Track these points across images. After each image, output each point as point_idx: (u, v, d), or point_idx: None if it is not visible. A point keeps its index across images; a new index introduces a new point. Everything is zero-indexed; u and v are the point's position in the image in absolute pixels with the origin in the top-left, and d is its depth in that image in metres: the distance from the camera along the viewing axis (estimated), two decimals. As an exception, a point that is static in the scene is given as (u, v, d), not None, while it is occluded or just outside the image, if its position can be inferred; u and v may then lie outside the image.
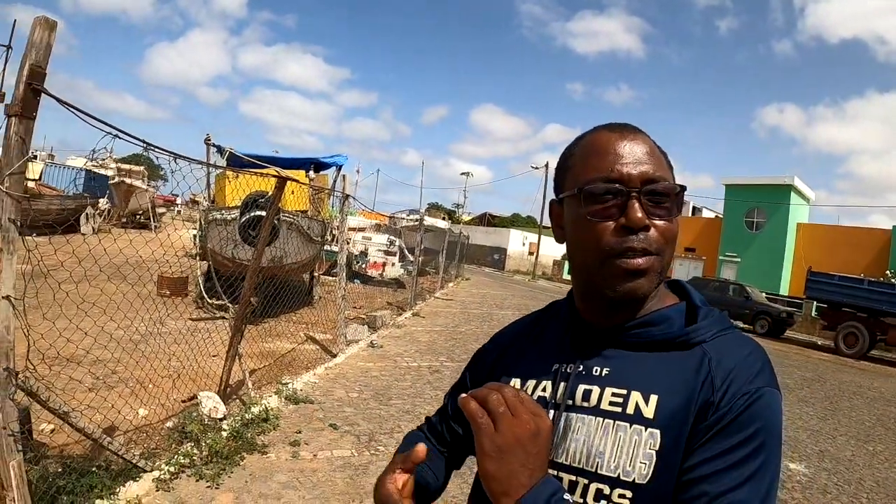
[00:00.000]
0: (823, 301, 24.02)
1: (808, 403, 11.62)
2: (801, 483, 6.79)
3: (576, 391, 1.21)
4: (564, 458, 1.16)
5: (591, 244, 1.16)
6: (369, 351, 11.37)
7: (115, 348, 6.19)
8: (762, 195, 40.80)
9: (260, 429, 6.18)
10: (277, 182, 7.04)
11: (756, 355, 1.15)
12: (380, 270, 24.43)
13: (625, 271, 1.13)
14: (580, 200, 1.17)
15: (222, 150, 13.13)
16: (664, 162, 1.21)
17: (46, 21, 3.32)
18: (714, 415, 1.06)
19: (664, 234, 1.15)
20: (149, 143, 4.43)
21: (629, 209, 1.12)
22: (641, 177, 1.14)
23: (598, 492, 1.10)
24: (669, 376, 1.14)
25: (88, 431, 4.28)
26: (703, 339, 1.17)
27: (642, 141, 1.19)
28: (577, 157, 1.23)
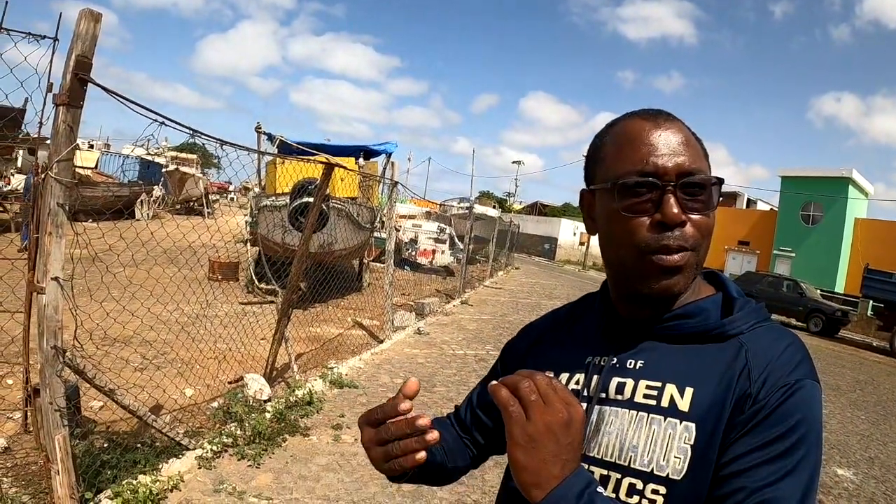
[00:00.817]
0: (880, 300, 23.43)
1: (859, 407, 11.35)
2: (847, 490, 6.65)
3: (609, 384, 1.18)
4: (597, 452, 1.14)
5: (625, 240, 1.13)
6: (416, 338, 11.41)
7: (165, 330, 6.31)
8: (819, 188, 39.83)
9: (303, 411, 6.26)
10: (325, 168, 7.09)
11: (795, 347, 1.11)
12: (429, 258, 24.48)
13: (660, 269, 1.10)
14: (613, 194, 1.13)
15: (273, 137, 13.25)
16: (700, 151, 1.17)
17: (91, 13, 3.40)
18: (752, 407, 1.04)
19: (700, 228, 1.12)
20: (195, 129, 4.50)
21: (665, 205, 1.08)
22: (677, 169, 1.10)
23: (631, 486, 1.08)
24: (705, 369, 1.11)
25: (134, 409, 4.38)
26: (740, 330, 1.14)
27: (678, 129, 1.14)
28: (610, 146, 1.19)
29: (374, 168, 17.58)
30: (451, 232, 26.12)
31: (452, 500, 4.95)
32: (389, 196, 11.78)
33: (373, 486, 4.99)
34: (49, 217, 3.36)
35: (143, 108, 3.92)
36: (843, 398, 11.90)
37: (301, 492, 4.74)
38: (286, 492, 4.70)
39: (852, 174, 39.56)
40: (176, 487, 4.38)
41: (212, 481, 4.61)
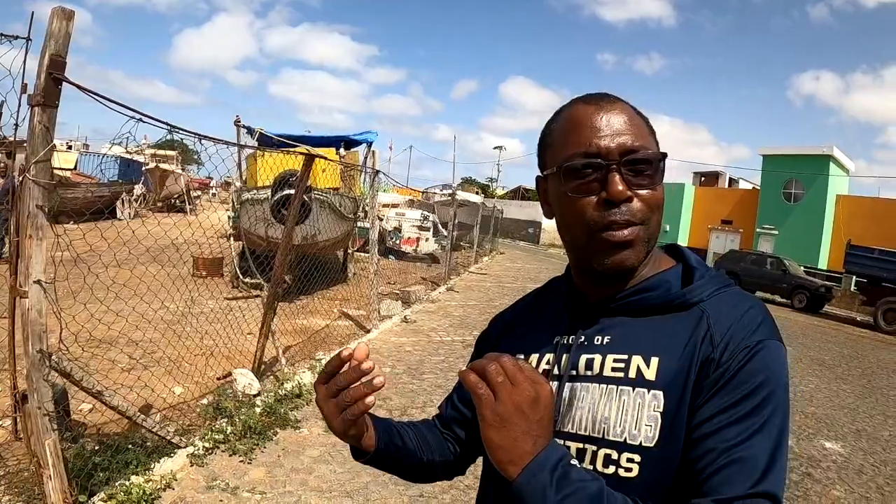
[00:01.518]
0: (863, 275, 23.57)
1: (845, 381, 11.47)
2: (836, 463, 6.72)
3: (578, 361, 1.21)
4: (571, 427, 1.17)
5: (575, 220, 1.16)
6: (403, 326, 11.44)
7: (151, 329, 6.28)
8: (800, 166, 39.99)
9: (293, 404, 6.26)
10: (305, 159, 7.06)
11: (755, 310, 1.14)
12: (413, 246, 24.46)
13: (610, 244, 1.13)
14: (561, 177, 1.17)
15: (252, 131, 13.17)
16: (645, 129, 1.19)
17: (63, 11, 3.36)
18: (716, 371, 1.06)
19: (648, 202, 1.14)
20: (173, 125, 4.47)
21: (609, 182, 1.11)
22: (620, 148, 1.12)
23: (607, 457, 1.11)
24: (669, 338, 1.14)
25: (122, 409, 4.36)
26: (701, 298, 1.17)
27: (620, 110, 1.17)
28: (557, 132, 1.22)
29: (354, 158, 17.52)
30: (435, 219, 26.13)
31: (445, 485, 4.96)
32: (371, 185, 11.74)
33: (365, 475, 5.01)
34: (29, 220, 3.33)
35: (119, 106, 3.88)
36: (828, 372, 12.03)
37: (294, 484, 4.75)
38: (279, 485, 4.70)
39: (833, 151, 39.73)
40: (169, 486, 4.37)
41: (204, 478, 4.60)
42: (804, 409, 8.80)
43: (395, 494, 4.81)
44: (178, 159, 35.51)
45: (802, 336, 17.01)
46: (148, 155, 31.31)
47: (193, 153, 34.26)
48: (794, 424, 7.94)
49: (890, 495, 6.02)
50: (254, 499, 4.43)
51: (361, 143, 17.39)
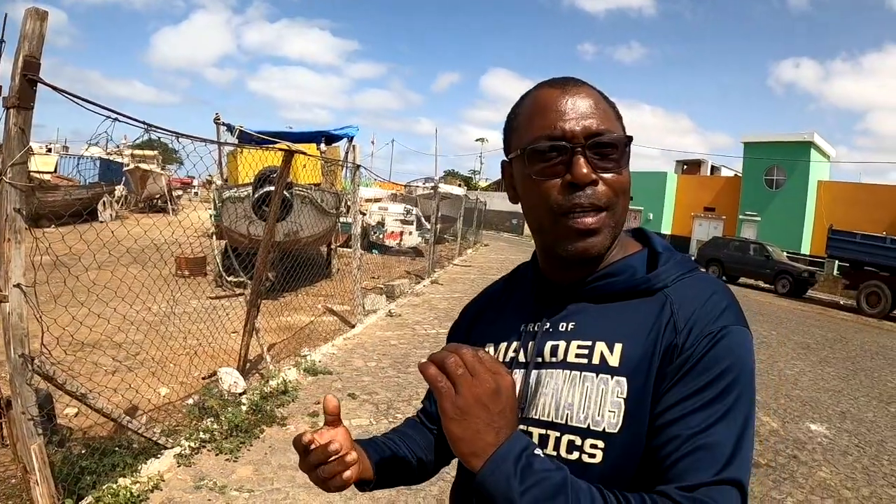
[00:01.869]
0: (845, 260, 23.69)
1: (829, 363, 11.55)
2: (821, 445, 6.77)
3: (543, 348, 1.21)
4: (535, 413, 1.17)
5: (540, 204, 1.16)
6: (388, 320, 11.43)
7: (135, 331, 6.25)
8: (782, 153, 40.29)
9: (279, 401, 6.25)
10: (284, 155, 7.03)
11: (719, 295, 1.14)
12: (397, 240, 24.44)
13: (576, 231, 1.13)
14: (525, 160, 1.16)
15: (232, 128, 13.11)
16: (611, 114, 1.19)
17: (37, 12, 3.33)
18: (679, 357, 1.06)
19: (613, 186, 1.14)
20: (149, 124, 4.43)
21: (574, 165, 1.11)
22: (585, 131, 1.12)
23: (570, 443, 1.11)
24: (633, 324, 1.14)
25: (107, 412, 4.34)
26: (665, 283, 1.17)
27: (586, 94, 1.17)
28: (522, 116, 1.22)
29: (335, 153, 17.47)
30: (418, 213, 26.09)
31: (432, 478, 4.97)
32: (353, 180, 11.72)
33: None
34: (7, 223, 3.30)
35: (94, 105, 3.85)
36: (812, 356, 12.10)
37: (282, 481, 4.73)
38: (267, 483, 4.69)
39: (814, 138, 40.07)
40: (157, 487, 4.34)
41: (192, 478, 4.58)
42: (789, 393, 8.86)
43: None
44: (159, 159, 35.30)
45: (787, 320, 17.13)
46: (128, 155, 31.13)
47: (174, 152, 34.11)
48: (779, 407, 8.02)
49: (875, 475, 6.08)
50: (242, 497, 4.42)
51: (342, 138, 17.36)
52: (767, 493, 5.43)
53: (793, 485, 5.65)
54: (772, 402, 8.25)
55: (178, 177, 35.68)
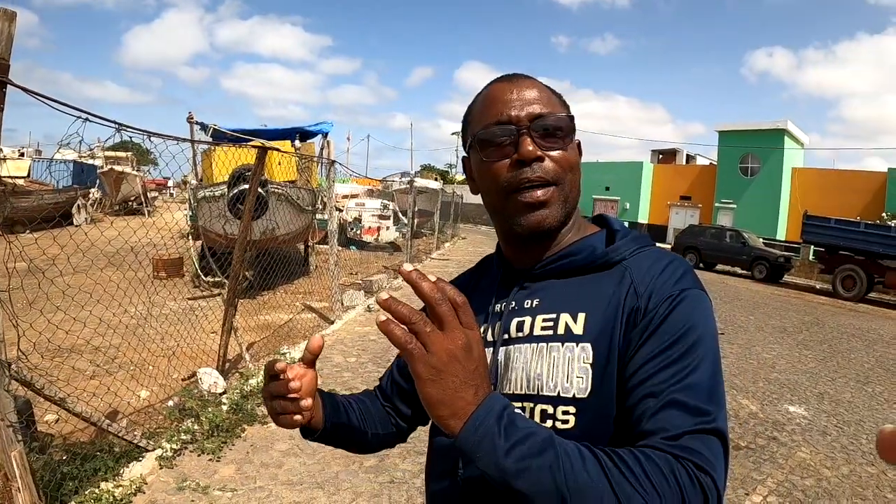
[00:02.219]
0: (820, 245, 23.86)
1: (806, 346, 11.67)
2: (800, 426, 6.85)
3: (510, 325, 1.25)
4: (508, 389, 1.20)
5: (492, 185, 1.23)
6: (366, 315, 11.41)
7: (113, 335, 6.21)
8: (756, 141, 40.57)
9: (259, 400, 6.20)
10: (258, 153, 7.00)
11: (675, 264, 1.19)
12: (374, 235, 24.39)
13: (525, 204, 1.19)
14: (478, 146, 1.24)
15: (206, 127, 13.02)
16: (555, 100, 1.27)
17: (5, 12, 3.28)
18: (643, 319, 1.10)
19: (560, 162, 1.20)
20: (121, 124, 4.39)
21: (520, 144, 1.18)
22: (529, 115, 1.20)
23: (543, 412, 1.14)
24: (594, 295, 1.19)
25: (87, 416, 4.31)
26: (623, 256, 1.22)
27: (530, 85, 1.25)
28: (475, 111, 1.29)
29: (310, 149, 17.39)
30: (395, 207, 26.06)
31: (415, 470, 4.99)
32: (328, 176, 11.68)
33: (335, 465, 5.03)
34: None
35: (64, 106, 3.81)
36: (790, 339, 12.23)
37: (264, 479, 4.73)
38: (250, 481, 4.68)
39: (787, 125, 40.38)
40: (140, 490, 4.33)
41: (175, 480, 4.56)
42: (767, 376, 8.95)
43: (365, 482, 4.82)
44: (133, 160, 34.98)
45: (764, 305, 17.24)
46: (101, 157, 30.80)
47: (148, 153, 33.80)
48: (757, 390, 8.11)
49: (854, 454, 6.16)
50: (225, 497, 4.41)
51: (317, 135, 17.25)
52: (748, 474, 5.48)
53: (773, 465, 5.71)
54: (750, 386, 8.33)
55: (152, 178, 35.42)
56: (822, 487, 5.34)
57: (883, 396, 8.48)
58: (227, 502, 4.34)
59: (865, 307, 20.14)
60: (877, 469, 5.81)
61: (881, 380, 9.47)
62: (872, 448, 6.34)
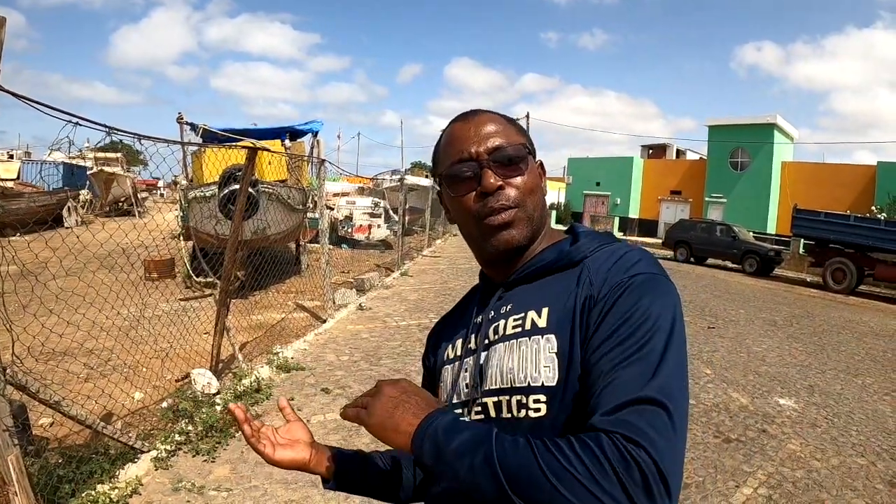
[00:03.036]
0: (810, 238, 23.97)
1: (797, 339, 11.71)
2: (790, 418, 6.89)
3: (489, 331, 1.34)
4: (487, 385, 1.28)
5: (463, 216, 1.35)
6: (358, 314, 11.41)
7: (106, 337, 6.21)
8: (746, 135, 40.67)
9: (253, 399, 6.25)
10: (248, 153, 7.00)
11: (633, 253, 1.26)
12: (366, 233, 24.38)
13: (493, 227, 1.30)
14: (446, 184, 1.37)
15: (196, 127, 13.00)
16: (512, 130, 1.37)
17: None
18: (595, 306, 1.17)
19: (519, 188, 1.31)
20: (111, 127, 4.39)
21: (482, 177, 1.29)
22: (487, 149, 1.30)
23: (518, 402, 1.20)
24: (556, 291, 1.26)
25: (82, 418, 4.31)
26: (584, 254, 1.29)
27: (487, 120, 1.36)
28: (441, 151, 1.41)
29: (300, 148, 17.36)
30: (386, 205, 26.04)
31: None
32: (318, 174, 11.67)
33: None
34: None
35: (53, 110, 3.82)
36: (780, 332, 12.27)
37: (259, 479, 4.75)
38: (244, 481, 4.70)
39: (777, 120, 40.49)
40: (135, 492, 4.34)
41: (170, 481, 4.57)
42: (757, 369, 8.99)
43: (360, 482, 4.83)
44: (123, 161, 34.82)
45: (754, 299, 17.28)
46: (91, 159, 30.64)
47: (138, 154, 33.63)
48: (748, 383, 8.15)
49: (844, 445, 6.21)
50: (220, 497, 4.43)
51: (307, 133, 17.20)
52: (739, 466, 5.52)
53: (763, 458, 5.75)
54: (740, 379, 8.37)
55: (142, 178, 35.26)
56: (812, 479, 5.38)
57: (873, 388, 8.53)
58: (222, 502, 4.36)
59: (855, 300, 20.21)
60: (866, 460, 5.87)
61: (871, 372, 9.53)
62: (862, 440, 6.41)
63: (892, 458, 5.97)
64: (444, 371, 1.46)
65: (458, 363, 1.41)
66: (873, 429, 6.79)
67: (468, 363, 1.36)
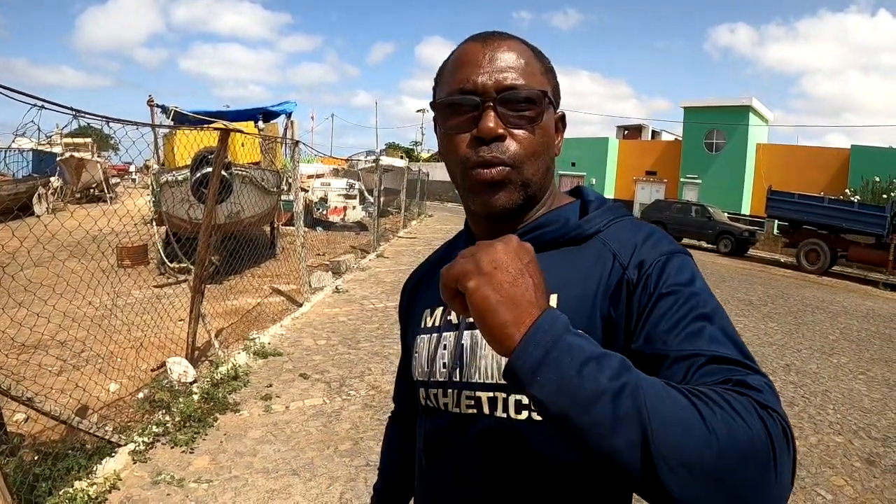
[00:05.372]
0: (784, 219, 24.20)
1: (772, 319, 11.85)
2: (768, 399, 6.94)
3: None
4: (479, 377, 1.13)
5: (452, 157, 1.13)
6: (335, 297, 11.40)
7: (78, 328, 6.11)
8: (721, 117, 40.91)
9: (231, 387, 6.18)
10: (220, 135, 6.89)
11: (658, 234, 1.12)
12: (341, 215, 24.28)
13: (480, 183, 1.09)
14: (440, 114, 1.15)
15: (167, 109, 12.81)
16: (537, 68, 1.14)
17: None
18: (639, 289, 1.02)
19: (522, 144, 1.09)
20: (77, 110, 4.31)
21: (482, 119, 1.07)
22: (497, 85, 1.08)
23: (518, 403, 1.08)
24: (568, 272, 1.10)
25: (56, 414, 4.23)
26: (598, 228, 1.14)
27: (508, 48, 1.11)
28: (445, 71, 1.17)
29: (274, 130, 17.22)
30: (361, 187, 25.94)
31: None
32: (292, 156, 11.57)
33: (310, 451, 5.02)
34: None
35: (17, 93, 3.72)
36: (756, 312, 12.42)
37: (240, 468, 4.70)
38: (224, 471, 4.64)
39: (752, 102, 40.81)
40: (114, 487, 4.26)
41: (149, 474, 4.50)
42: (735, 351, 9.02)
43: (341, 466, 4.81)
44: (93, 146, 34.29)
45: (729, 279, 17.48)
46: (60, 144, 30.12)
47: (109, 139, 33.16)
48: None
49: (821, 424, 6.30)
50: (201, 488, 4.37)
51: (280, 115, 17.07)
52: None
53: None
54: (719, 360, 8.41)
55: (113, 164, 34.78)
56: (791, 459, 5.42)
57: (848, 367, 8.63)
58: (203, 494, 4.30)
59: (829, 280, 20.51)
60: (844, 438, 5.95)
61: (845, 351, 9.65)
62: (839, 418, 6.48)
63: (868, 437, 6.05)
64: (420, 341, 1.29)
65: (435, 336, 1.23)
66: (849, 407, 6.87)
67: (448, 339, 1.20)
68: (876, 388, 7.73)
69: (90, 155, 29.58)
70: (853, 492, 4.92)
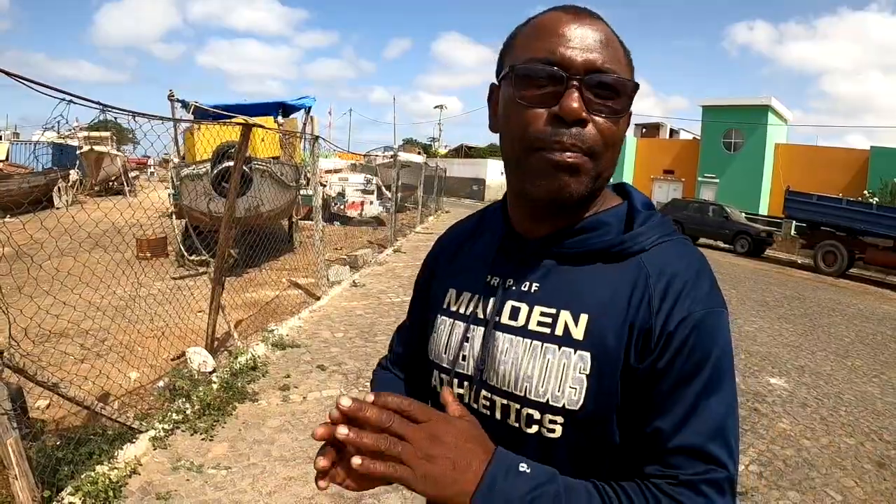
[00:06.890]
0: (802, 220, 24.04)
1: (787, 320, 11.80)
2: (781, 397, 6.97)
3: (503, 308, 1.14)
4: (496, 381, 1.12)
5: (518, 132, 1.04)
6: (352, 290, 11.44)
7: (101, 317, 6.21)
8: (739, 116, 40.66)
9: (249, 377, 6.26)
10: (242, 130, 6.97)
11: (704, 272, 1.06)
12: (358, 210, 24.29)
13: (550, 165, 1.01)
14: (514, 81, 1.04)
15: (187, 104, 12.89)
16: (622, 56, 1.06)
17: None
18: (660, 343, 0.99)
19: (603, 133, 1.02)
20: (105, 104, 4.37)
21: (565, 97, 0.98)
22: (587, 64, 0.99)
23: (529, 417, 1.07)
24: (602, 294, 1.06)
25: (80, 400, 4.31)
26: (642, 247, 1.07)
27: (599, 28, 1.04)
28: (522, 36, 1.09)
29: (293, 125, 17.25)
30: (378, 182, 25.95)
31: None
32: (312, 151, 11.63)
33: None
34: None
35: (48, 88, 3.79)
36: (771, 313, 12.35)
37: (258, 456, 4.77)
38: (243, 459, 4.72)
39: (771, 102, 40.55)
40: (135, 472, 4.35)
41: (169, 460, 4.59)
42: (749, 349, 9.07)
43: (358, 456, 4.86)
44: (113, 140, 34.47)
45: (745, 279, 17.40)
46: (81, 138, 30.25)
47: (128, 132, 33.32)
48: (739, 363, 8.18)
49: (833, 425, 6.30)
50: (220, 475, 4.44)
51: (299, 109, 17.05)
52: (731, 448, 5.58)
53: (754, 436, 5.83)
54: (733, 360, 8.41)
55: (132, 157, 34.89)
56: (801, 457, 5.46)
57: (862, 370, 8.62)
58: (221, 480, 4.38)
59: (846, 282, 20.33)
60: (855, 440, 5.95)
61: (860, 354, 9.62)
62: (851, 420, 6.48)
63: (880, 439, 6.06)
64: (442, 322, 1.26)
65: (461, 325, 1.21)
66: (862, 410, 6.87)
67: (475, 334, 1.17)
68: (889, 391, 7.73)
69: (110, 148, 29.69)
70: (863, 493, 4.94)
